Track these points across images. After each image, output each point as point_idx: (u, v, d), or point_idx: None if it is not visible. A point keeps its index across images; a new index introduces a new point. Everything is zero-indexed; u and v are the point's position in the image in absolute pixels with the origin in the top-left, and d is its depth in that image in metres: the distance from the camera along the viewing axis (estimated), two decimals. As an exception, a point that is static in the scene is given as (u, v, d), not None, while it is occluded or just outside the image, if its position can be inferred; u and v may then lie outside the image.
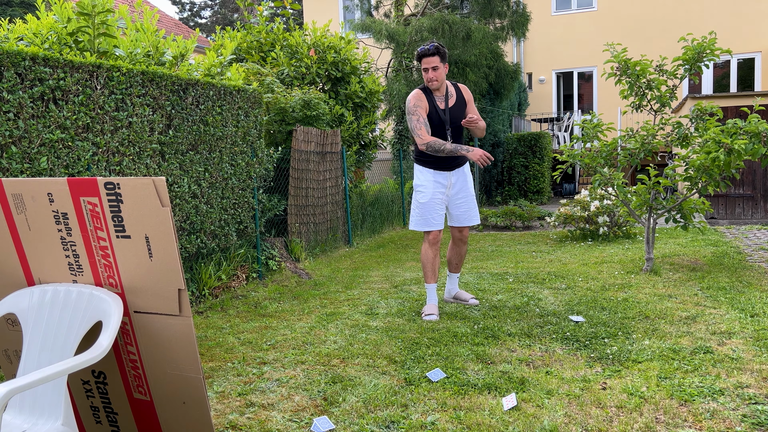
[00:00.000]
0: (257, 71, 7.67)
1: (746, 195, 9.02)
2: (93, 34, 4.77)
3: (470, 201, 4.48)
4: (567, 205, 8.19)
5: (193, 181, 5.07)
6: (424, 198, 4.36)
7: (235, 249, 5.73)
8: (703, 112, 5.50)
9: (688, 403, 2.74)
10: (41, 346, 2.09)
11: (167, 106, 4.75)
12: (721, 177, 5.32)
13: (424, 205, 4.36)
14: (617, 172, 5.77)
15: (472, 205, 4.49)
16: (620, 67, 5.73)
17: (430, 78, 4.17)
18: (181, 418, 2.23)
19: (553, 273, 5.70)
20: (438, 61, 4.13)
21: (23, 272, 2.25)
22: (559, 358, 3.39)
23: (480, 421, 2.63)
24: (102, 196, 2.00)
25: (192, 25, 39.26)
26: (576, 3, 16.27)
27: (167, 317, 2.06)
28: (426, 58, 4.13)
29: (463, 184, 4.45)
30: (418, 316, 4.41)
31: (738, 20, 14.79)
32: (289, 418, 2.78)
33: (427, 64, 4.13)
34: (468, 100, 4.40)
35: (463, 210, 4.48)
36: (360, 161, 9.41)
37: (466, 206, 4.47)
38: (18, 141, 3.65)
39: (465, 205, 4.46)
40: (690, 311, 4.19)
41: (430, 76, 4.15)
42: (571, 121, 15.56)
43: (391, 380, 3.17)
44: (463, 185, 4.45)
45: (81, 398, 2.40)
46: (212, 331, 4.23)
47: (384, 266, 6.59)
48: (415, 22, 12.39)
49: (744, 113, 8.18)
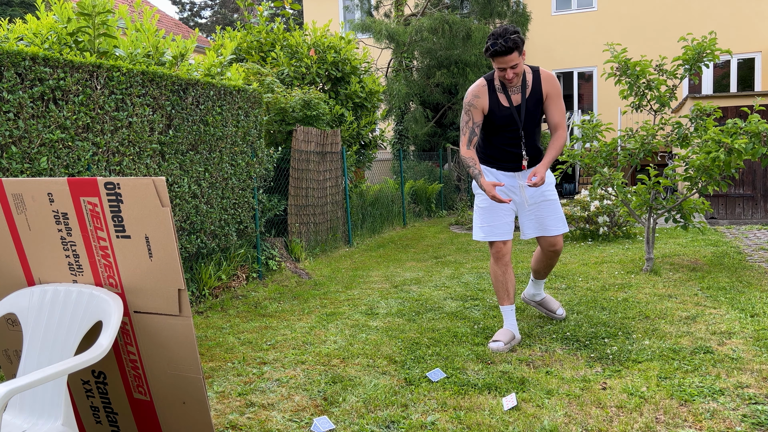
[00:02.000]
0: (257, 71, 7.67)
1: (746, 195, 9.02)
2: (93, 34, 4.77)
3: (551, 205, 3.64)
4: (567, 205, 8.19)
5: (193, 181, 5.07)
6: (484, 202, 3.63)
7: (235, 249, 5.73)
8: (702, 112, 5.50)
9: (688, 403, 2.74)
10: (41, 346, 2.09)
11: (167, 106, 4.75)
12: (721, 177, 5.32)
13: (483, 210, 3.62)
14: (617, 172, 5.77)
15: (554, 208, 3.64)
16: (620, 67, 5.73)
17: (510, 78, 3.35)
18: (181, 418, 2.23)
19: (553, 273, 5.70)
20: (517, 57, 3.27)
21: (23, 272, 2.25)
22: (559, 358, 3.39)
23: (480, 421, 2.63)
24: (102, 196, 2.00)
25: (192, 25, 39.26)
26: (576, 3, 16.27)
27: (167, 317, 2.06)
28: (500, 57, 3.27)
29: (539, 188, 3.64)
30: (418, 316, 4.41)
31: (738, 20, 14.78)
32: (289, 418, 2.78)
33: (503, 64, 3.28)
34: (549, 94, 3.49)
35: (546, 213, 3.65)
36: (360, 161, 9.41)
37: (548, 210, 3.64)
38: (18, 141, 3.65)
39: (547, 209, 3.64)
40: (690, 311, 4.19)
41: (509, 76, 3.33)
42: (571, 121, 15.56)
43: (391, 380, 3.16)
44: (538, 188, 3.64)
45: (81, 398, 2.40)
46: (212, 331, 4.23)
47: (384, 266, 6.59)
48: (415, 22, 12.39)
49: (744, 113, 8.18)
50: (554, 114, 3.50)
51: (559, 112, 3.51)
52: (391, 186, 10.32)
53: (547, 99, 3.50)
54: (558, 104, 3.50)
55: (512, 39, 3.22)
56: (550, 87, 3.48)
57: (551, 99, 3.49)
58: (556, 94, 3.48)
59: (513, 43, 3.22)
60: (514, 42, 3.22)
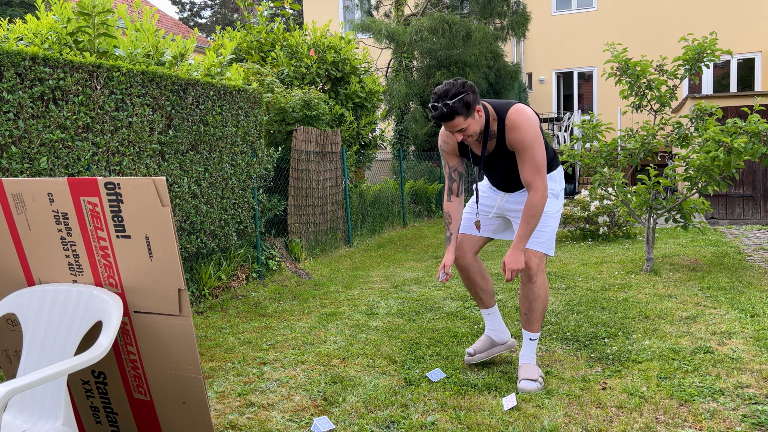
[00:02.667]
0: (257, 71, 7.67)
1: (746, 195, 9.02)
2: (93, 34, 4.77)
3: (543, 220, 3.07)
4: (567, 205, 8.19)
5: (193, 181, 5.07)
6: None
7: (235, 249, 5.73)
8: (703, 112, 5.50)
9: (688, 403, 2.74)
10: (41, 346, 2.09)
11: (167, 106, 4.75)
12: (721, 177, 5.32)
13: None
14: (617, 172, 5.77)
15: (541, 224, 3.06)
16: (620, 68, 5.73)
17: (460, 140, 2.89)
18: (181, 418, 2.23)
19: (553, 273, 5.70)
20: (462, 121, 2.76)
21: (23, 272, 2.25)
22: (559, 358, 3.39)
23: (480, 421, 2.63)
24: (102, 196, 2.00)
25: (192, 25, 39.25)
26: (576, 3, 16.27)
27: (167, 317, 2.06)
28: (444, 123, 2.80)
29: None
30: (418, 316, 4.41)
31: (738, 20, 14.78)
32: (289, 418, 2.78)
33: (448, 129, 2.82)
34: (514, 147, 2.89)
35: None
36: (360, 161, 9.41)
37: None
38: (18, 141, 3.65)
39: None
40: (690, 311, 4.19)
41: (458, 139, 2.85)
42: (571, 121, 15.56)
43: (391, 380, 3.16)
44: None
45: (81, 398, 2.40)
46: (212, 331, 4.23)
47: (384, 266, 6.59)
48: (415, 22, 12.39)
49: (744, 113, 8.18)
50: (523, 171, 2.89)
51: (530, 168, 2.84)
52: (391, 186, 10.32)
53: (515, 151, 2.91)
54: (526, 158, 2.85)
55: (451, 106, 2.71)
56: (514, 139, 2.86)
57: (518, 153, 2.88)
58: (523, 147, 2.84)
59: (451, 110, 2.72)
60: (452, 109, 2.72)
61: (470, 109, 2.75)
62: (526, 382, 2.97)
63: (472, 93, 2.77)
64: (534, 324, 3.09)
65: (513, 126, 2.84)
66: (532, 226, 2.87)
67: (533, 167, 2.85)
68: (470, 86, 2.77)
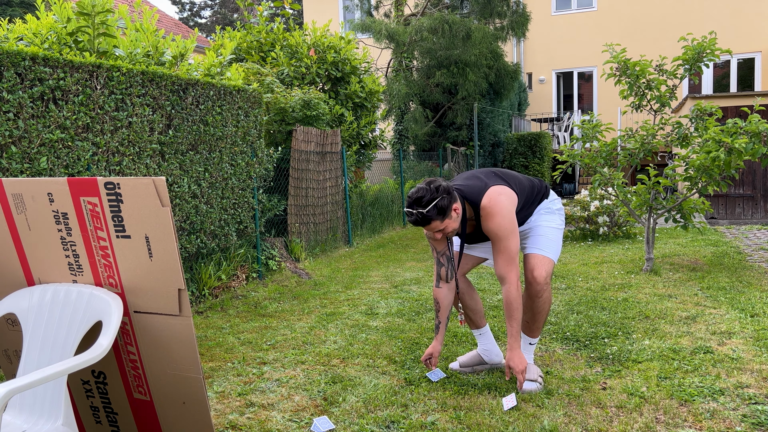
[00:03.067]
0: (257, 71, 7.67)
1: (746, 195, 9.02)
2: (93, 34, 4.77)
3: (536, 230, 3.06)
4: (567, 205, 8.19)
5: (193, 181, 5.07)
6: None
7: (235, 249, 5.73)
8: (703, 112, 5.50)
9: (688, 403, 2.74)
10: (41, 346, 2.09)
11: (167, 106, 4.75)
12: (721, 177, 5.32)
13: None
14: (617, 172, 5.77)
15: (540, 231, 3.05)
16: (620, 68, 5.73)
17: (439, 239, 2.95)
18: (181, 418, 2.23)
19: (553, 273, 5.70)
20: (439, 224, 2.76)
21: (23, 272, 2.25)
22: (559, 358, 3.39)
23: (480, 421, 2.63)
24: (102, 196, 2.00)
25: (192, 24, 39.25)
26: (576, 3, 16.27)
27: (167, 317, 2.06)
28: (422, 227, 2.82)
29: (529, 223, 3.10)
30: (418, 316, 4.41)
31: (738, 20, 14.78)
32: (289, 418, 2.78)
33: (429, 231, 2.83)
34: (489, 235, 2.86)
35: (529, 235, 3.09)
36: (360, 161, 9.41)
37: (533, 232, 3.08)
38: (18, 141, 3.65)
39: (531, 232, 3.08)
40: (690, 311, 4.19)
41: (437, 237, 2.87)
42: (571, 121, 15.57)
43: (391, 380, 3.16)
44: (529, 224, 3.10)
45: (81, 398, 2.40)
46: (212, 331, 4.23)
47: (384, 266, 6.59)
48: (415, 22, 12.39)
49: (744, 113, 8.18)
50: (496, 261, 2.83)
51: (503, 259, 2.80)
52: (391, 186, 10.32)
53: (490, 239, 2.87)
54: (500, 248, 2.80)
55: (425, 213, 2.70)
56: (489, 229, 2.82)
57: (492, 241, 2.84)
58: (497, 237, 2.80)
59: (425, 217, 2.71)
60: (427, 216, 2.71)
61: (445, 212, 2.73)
62: (527, 383, 2.96)
63: (446, 195, 2.72)
64: (536, 331, 3.09)
65: (487, 215, 2.82)
66: (517, 320, 2.83)
67: (507, 258, 2.81)
68: (444, 189, 2.72)
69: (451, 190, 2.76)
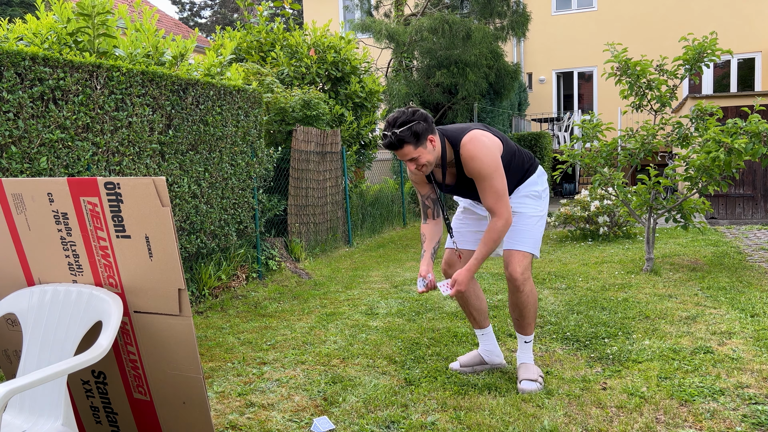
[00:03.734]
0: (257, 71, 7.67)
1: (746, 195, 9.02)
2: (93, 34, 4.77)
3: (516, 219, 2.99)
4: (567, 205, 8.18)
5: (193, 181, 5.07)
6: None
7: (235, 249, 5.73)
8: (703, 112, 5.50)
9: (688, 403, 2.74)
10: (41, 346, 2.09)
11: (167, 106, 4.75)
12: (722, 177, 5.32)
13: None
14: (617, 172, 5.77)
15: (518, 222, 2.99)
16: (620, 67, 5.73)
17: (413, 170, 2.85)
18: (181, 418, 2.23)
19: (553, 273, 5.69)
20: (412, 150, 2.71)
21: (23, 272, 2.25)
22: (559, 358, 3.39)
23: (480, 421, 2.63)
24: (102, 196, 2.00)
25: (192, 24, 39.25)
26: (576, 3, 16.27)
27: (167, 317, 2.06)
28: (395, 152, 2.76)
29: None
30: (418, 316, 4.41)
31: (738, 20, 14.78)
32: (289, 418, 2.78)
33: (401, 158, 2.77)
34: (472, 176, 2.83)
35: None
36: (360, 161, 9.41)
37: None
38: (18, 141, 3.65)
39: None
40: (690, 311, 4.19)
41: (411, 168, 2.82)
42: (571, 121, 15.56)
43: (391, 380, 3.16)
44: None
45: (81, 398, 2.40)
46: (212, 331, 4.23)
47: (384, 266, 6.59)
48: (415, 22, 12.39)
49: (744, 113, 8.17)
50: (484, 199, 2.82)
51: (490, 194, 2.78)
52: (391, 186, 10.31)
53: (475, 180, 2.84)
54: (486, 188, 2.78)
55: (399, 135, 2.65)
56: (471, 170, 2.80)
57: (477, 182, 2.82)
58: (480, 177, 2.77)
59: (399, 139, 2.66)
60: (400, 138, 2.66)
61: (420, 138, 2.68)
62: (527, 382, 2.96)
63: (423, 122, 2.69)
64: (527, 328, 3.05)
65: (468, 157, 2.77)
66: (490, 249, 2.81)
67: (494, 195, 2.78)
68: (421, 115, 2.70)
69: (430, 119, 2.74)
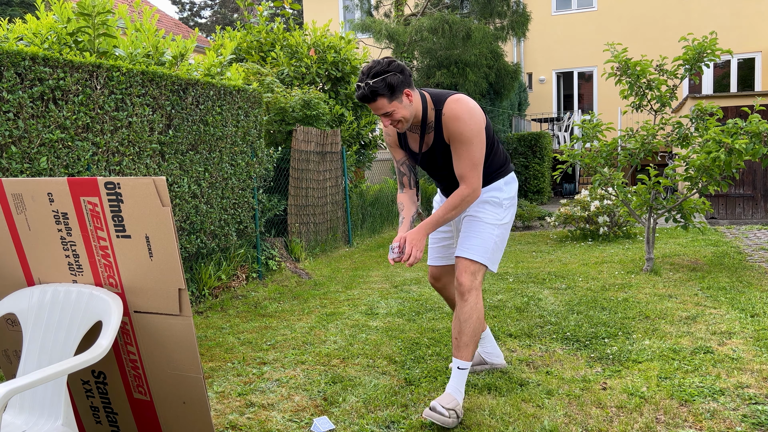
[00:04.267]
0: (257, 71, 7.67)
1: (746, 195, 9.01)
2: (93, 34, 4.77)
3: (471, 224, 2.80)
4: (567, 205, 8.18)
5: (193, 181, 5.07)
6: None
7: (235, 249, 5.73)
8: (703, 112, 5.50)
9: (688, 403, 2.74)
10: (41, 346, 2.09)
11: (167, 105, 4.75)
12: (722, 177, 5.32)
13: None
14: (617, 172, 5.77)
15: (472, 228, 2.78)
16: (620, 67, 5.73)
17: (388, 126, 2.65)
18: (181, 418, 2.23)
19: (554, 273, 5.69)
20: (386, 104, 2.53)
21: (23, 272, 2.25)
22: (560, 358, 3.39)
23: (480, 421, 2.63)
24: (102, 196, 2.00)
25: (192, 24, 39.25)
26: (576, 3, 16.27)
27: (167, 317, 2.06)
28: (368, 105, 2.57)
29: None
30: (418, 316, 4.41)
31: (738, 20, 14.78)
32: (289, 418, 2.78)
33: (376, 113, 2.59)
34: (451, 138, 2.64)
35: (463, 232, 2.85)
36: (360, 161, 9.41)
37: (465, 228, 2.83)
38: (18, 141, 3.65)
39: (465, 226, 2.84)
40: (690, 311, 4.19)
41: (386, 124, 2.63)
42: (571, 121, 15.56)
43: (391, 380, 3.16)
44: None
45: (81, 398, 2.40)
46: (212, 331, 4.23)
47: (384, 266, 6.59)
48: (415, 22, 12.39)
49: (744, 113, 8.17)
50: (457, 163, 2.63)
51: (465, 160, 2.60)
52: (391, 186, 10.31)
53: (451, 144, 2.64)
54: (462, 153, 2.59)
55: (372, 85, 2.46)
56: (452, 131, 2.60)
57: (454, 145, 2.62)
58: (460, 140, 2.58)
59: (372, 90, 2.47)
60: (373, 89, 2.47)
61: (395, 91, 2.50)
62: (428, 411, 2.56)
63: (400, 74, 2.51)
64: (463, 350, 2.65)
65: (452, 116, 2.58)
66: (449, 216, 2.63)
67: (469, 162, 2.60)
68: (397, 66, 2.51)
69: (407, 72, 2.55)
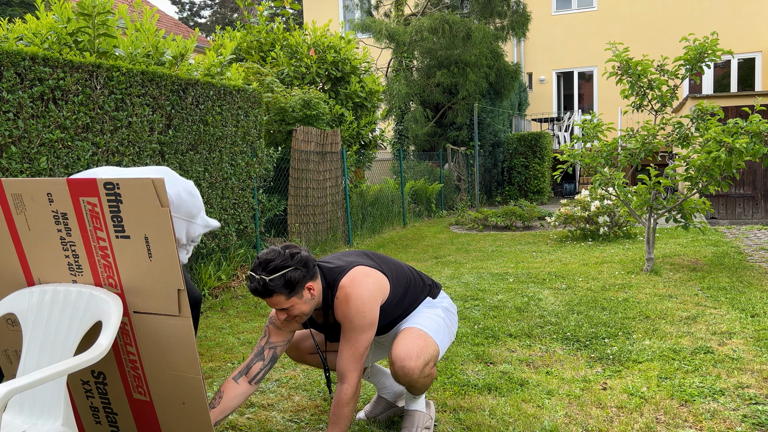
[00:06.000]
0: (257, 71, 7.66)
1: (747, 195, 9.01)
2: (93, 34, 4.77)
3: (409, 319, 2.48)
4: (567, 205, 8.18)
5: (193, 180, 5.07)
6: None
7: (235, 249, 5.73)
8: (704, 112, 5.50)
9: (688, 404, 2.73)
10: (41, 346, 2.09)
11: (167, 105, 4.75)
12: (722, 177, 5.31)
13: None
14: (618, 172, 5.77)
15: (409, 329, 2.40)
16: (621, 67, 5.73)
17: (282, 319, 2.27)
18: (181, 418, 2.22)
19: (554, 273, 5.69)
20: (283, 300, 2.20)
21: (23, 272, 2.24)
22: (560, 359, 3.39)
23: (480, 422, 2.62)
24: (101, 197, 1.99)
25: (192, 24, 39.25)
26: (576, 3, 16.26)
27: (167, 317, 2.06)
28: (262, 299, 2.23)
29: None
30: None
31: (738, 20, 14.78)
32: (289, 418, 2.78)
33: (270, 306, 2.24)
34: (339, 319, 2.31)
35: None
36: (360, 161, 9.41)
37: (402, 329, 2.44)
38: (18, 141, 3.65)
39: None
40: (690, 311, 4.18)
41: (281, 317, 2.26)
42: (571, 121, 15.56)
43: (391, 380, 3.16)
44: None
45: (81, 398, 2.40)
46: (212, 331, 4.23)
47: (384, 266, 6.58)
48: (415, 22, 12.40)
49: (745, 113, 8.17)
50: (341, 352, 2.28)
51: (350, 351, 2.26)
52: (391, 186, 10.31)
53: (341, 326, 2.31)
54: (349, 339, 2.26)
55: (267, 282, 2.14)
56: (342, 313, 2.28)
57: (343, 330, 2.30)
58: (349, 325, 2.26)
59: (266, 288, 2.15)
60: (267, 288, 2.15)
61: (294, 288, 2.17)
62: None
63: (302, 268, 2.19)
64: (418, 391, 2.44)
65: (344, 297, 2.27)
66: (343, 427, 2.24)
67: (353, 354, 2.25)
68: (300, 259, 2.20)
69: (311, 264, 2.24)
